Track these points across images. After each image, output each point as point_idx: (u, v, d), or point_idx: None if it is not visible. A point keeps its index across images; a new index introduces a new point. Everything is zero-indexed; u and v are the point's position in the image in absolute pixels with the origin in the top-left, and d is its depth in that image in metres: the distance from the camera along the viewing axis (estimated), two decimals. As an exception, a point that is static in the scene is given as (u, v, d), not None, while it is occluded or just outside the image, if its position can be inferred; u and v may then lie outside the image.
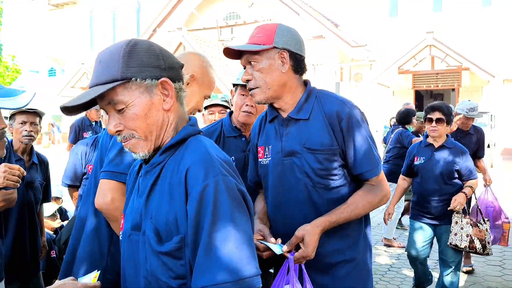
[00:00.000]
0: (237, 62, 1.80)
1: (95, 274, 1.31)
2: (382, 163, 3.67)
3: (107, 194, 1.57)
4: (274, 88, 1.73)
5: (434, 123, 3.61)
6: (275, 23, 1.78)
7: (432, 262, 4.63)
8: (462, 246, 3.51)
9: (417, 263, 3.83)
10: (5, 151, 1.94)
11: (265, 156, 1.85)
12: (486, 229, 3.62)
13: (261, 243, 1.69)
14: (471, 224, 3.53)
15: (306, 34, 15.75)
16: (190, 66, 1.95)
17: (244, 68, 1.79)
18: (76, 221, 1.85)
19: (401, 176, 4.01)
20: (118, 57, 1.14)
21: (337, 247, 1.78)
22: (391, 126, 8.34)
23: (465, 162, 3.59)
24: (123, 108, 1.15)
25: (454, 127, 4.66)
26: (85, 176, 3.40)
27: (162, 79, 1.17)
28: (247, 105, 2.36)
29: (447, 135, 3.71)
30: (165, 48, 1.23)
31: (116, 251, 1.59)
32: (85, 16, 24.37)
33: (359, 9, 18.14)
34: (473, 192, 3.67)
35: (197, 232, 1.07)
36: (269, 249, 1.66)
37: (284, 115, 1.80)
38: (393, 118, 9.35)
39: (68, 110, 1.16)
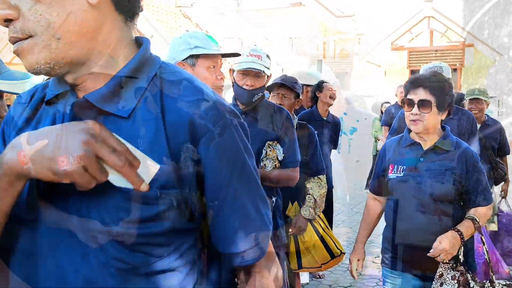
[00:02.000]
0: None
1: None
2: None
3: None
4: (70, 39, 0.83)
5: (415, 109, 2.48)
6: None
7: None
8: None
9: None
10: None
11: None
12: None
13: None
14: (458, 282, 2.46)
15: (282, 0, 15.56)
16: None
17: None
18: None
19: (369, 195, 2.92)
20: None
21: None
22: (381, 113, 8.29)
23: (474, 176, 2.49)
24: None
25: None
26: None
27: None
28: None
29: (443, 127, 2.60)
30: None
31: None
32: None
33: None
34: (476, 229, 2.49)
35: None
36: None
37: (81, 94, 0.91)
38: (386, 103, 9.10)
39: None
